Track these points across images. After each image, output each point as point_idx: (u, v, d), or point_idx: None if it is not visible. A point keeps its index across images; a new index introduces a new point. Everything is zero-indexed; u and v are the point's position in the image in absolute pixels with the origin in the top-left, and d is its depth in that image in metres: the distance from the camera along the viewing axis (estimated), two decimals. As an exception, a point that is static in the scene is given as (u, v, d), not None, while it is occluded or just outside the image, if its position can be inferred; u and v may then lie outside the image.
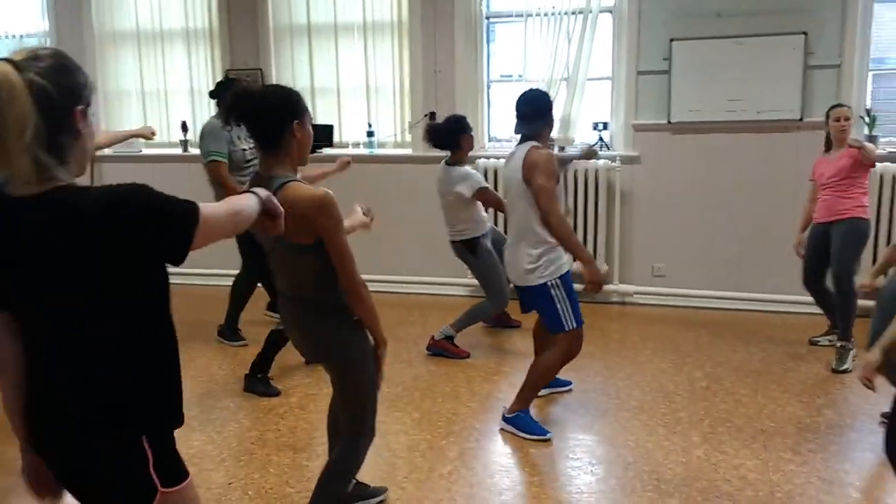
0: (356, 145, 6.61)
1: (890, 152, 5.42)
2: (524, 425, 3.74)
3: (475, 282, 5.28)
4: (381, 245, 5.69)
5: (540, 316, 3.90)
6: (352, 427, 2.64)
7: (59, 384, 1.58)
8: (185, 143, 6.79)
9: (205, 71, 6.85)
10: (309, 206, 2.30)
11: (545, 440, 3.68)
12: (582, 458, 3.54)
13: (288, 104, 2.41)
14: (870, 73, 5.59)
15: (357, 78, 6.54)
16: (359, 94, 6.58)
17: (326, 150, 6.39)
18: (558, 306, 3.63)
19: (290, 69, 6.64)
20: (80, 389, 1.57)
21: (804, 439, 3.65)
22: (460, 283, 6.21)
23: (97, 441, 1.58)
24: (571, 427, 3.88)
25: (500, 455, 3.62)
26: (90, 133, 1.61)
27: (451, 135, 4.79)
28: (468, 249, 4.87)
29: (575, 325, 3.66)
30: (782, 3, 5.47)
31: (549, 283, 3.63)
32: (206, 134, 4.78)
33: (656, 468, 3.39)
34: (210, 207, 1.61)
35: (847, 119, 4.66)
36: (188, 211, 1.55)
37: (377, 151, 6.49)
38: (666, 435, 3.73)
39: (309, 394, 4.29)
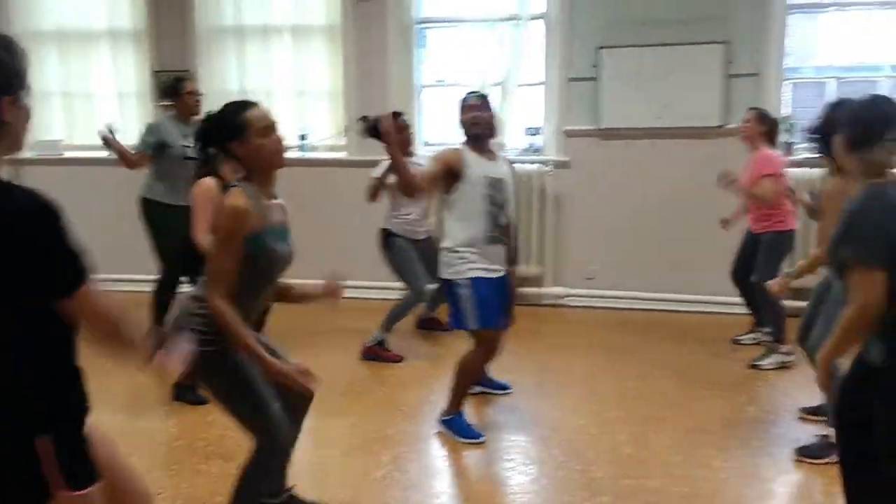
0: (288, 149, 6.53)
1: (806, 158, 5.64)
2: (458, 428, 3.77)
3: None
4: (316, 249, 5.64)
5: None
6: (254, 441, 2.56)
7: None
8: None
9: (131, 72, 6.69)
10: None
11: (478, 443, 3.71)
12: (516, 459, 3.58)
13: None
14: (786, 82, 5.82)
15: (289, 81, 6.49)
16: (291, 98, 6.52)
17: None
18: (464, 305, 3.62)
19: (220, 71, 6.54)
20: None
21: (728, 435, 3.77)
22: (398, 287, 6.20)
23: None
24: (505, 428, 3.93)
25: (434, 458, 3.64)
26: (20, 121, 1.58)
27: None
28: (383, 238, 5.02)
29: (478, 326, 3.63)
30: (704, 13, 5.66)
31: (457, 281, 3.62)
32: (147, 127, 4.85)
33: (587, 467, 3.45)
34: (99, 292, 1.61)
35: (747, 121, 4.81)
36: (80, 270, 1.56)
37: (310, 155, 6.45)
38: (597, 434, 3.80)
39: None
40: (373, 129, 4.73)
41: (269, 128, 2.49)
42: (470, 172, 3.58)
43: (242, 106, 2.52)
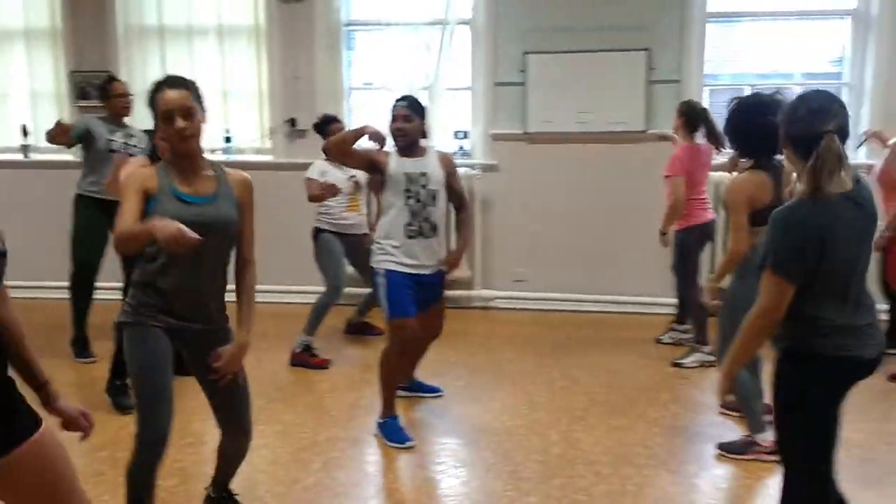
0: (213, 151, 6.41)
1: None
2: (388, 432, 3.76)
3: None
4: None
5: None
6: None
7: None
8: (25, 148, 6.36)
9: (47, 73, 6.45)
10: None
11: (407, 447, 3.70)
12: (446, 462, 3.59)
13: None
14: (706, 88, 6.01)
15: (213, 83, 6.35)
16: (215, 100, 6.39)
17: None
18: (379, 295, 3.78)
19: (141, 72, 6.36)
20: None
21: (652, 433, 3.86)
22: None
23: None
24: (435, 431, 3.94)
25: (365, 463, 3.62)
26: None
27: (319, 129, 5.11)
28: (314, 235, 5.04)
29: (390, 316, 3.73)
30: (626, 21, 5.79)
31: (379, 270, 3.75)
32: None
33: (517, 468, 3.49)
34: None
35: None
36: None
37: (235, 157, 6.34)
38: (526, 435, 3.84)
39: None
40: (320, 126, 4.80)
41: (167, 114, 2.44)
42: (390, 171, 3.72)
43: (158, 87, 2.49)
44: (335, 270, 5.02)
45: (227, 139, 6.34)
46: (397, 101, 3.81)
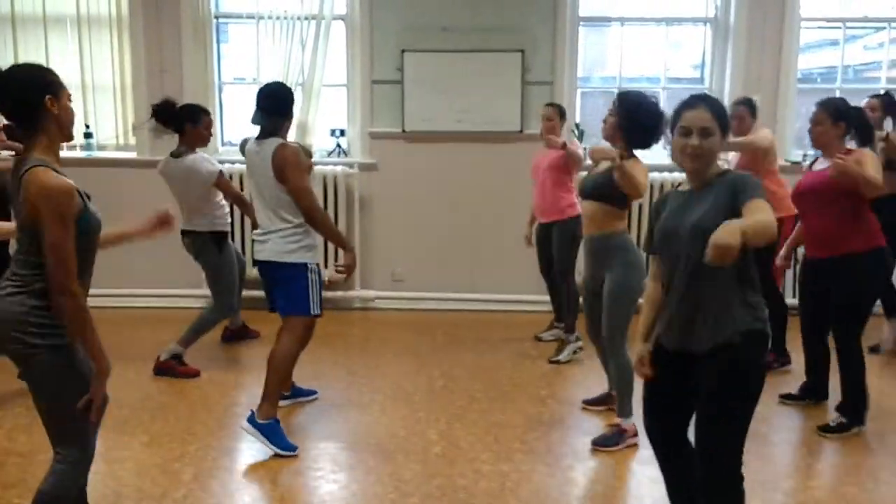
0: (72, 147, 6.03)
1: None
2: (274, 436, 3.60)
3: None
4: (104, 255, 5.23)
5: (282, 296, 3.74)
6: (60, 450, 2.32)
7: None
8: None
9: None
10: (36, 191, 2.13)
11: (292, 455, 3.58)
12: (324, 468, 3.50)
13: (36, 79, 2.25)
14: (578, 91, 6.17)
15: (71, 75, 5.97)
16: (73, 93, 5.99)
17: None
18: (310, 290, 3.65)
19: (-10, 62, 5.90)
20: None
21: (530, 429, 3.91)
22: (195, 295, 5.90)
23: None
24: (313, 436, 3.83)
25: (239, 472, 3.47)
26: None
27: (180, 119, 4.62)
28: (215, 241, 4.68)
29: (319, 311, 3.70)
30: (501, 23, 5.87)
31: (308, 265, 3.65)
32: None
33: (397, 469, 3.44)
34: None
35: (549, 119, 5.01)
36: None
37: (97, 154, 5.99)
38: (406, 436, 3.81)
39: (20, 424, 3.83)
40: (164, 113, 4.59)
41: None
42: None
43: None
44: (233, 287, 4.77)
45: (88, 135, 5.97)
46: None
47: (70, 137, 2.37)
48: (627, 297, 3.61)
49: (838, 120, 3.76)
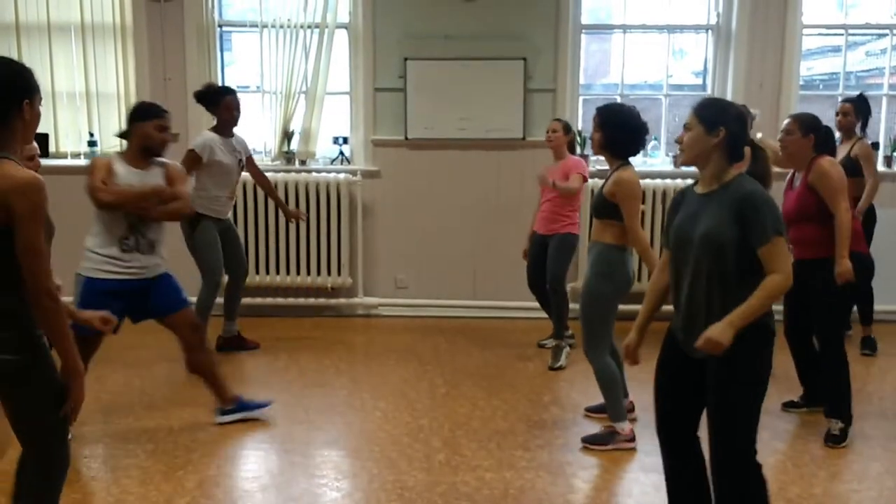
0: (76, 155, 6.06)
1: (598, 169, 6.02)
2: (248, 406, 3.99)
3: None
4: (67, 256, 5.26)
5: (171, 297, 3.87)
6: (40, 459, 2.26)
7: None
8: None
9: None
10: (8, 184, 2.05)
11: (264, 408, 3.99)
12: (328, 475, 3.51)
13: (18, 80, 2.17)
14: (580, 98, 6.19)
15: (75, 83, 6.01)
16: (78, 101, 6.04)
17: (43, 161, 5.77)
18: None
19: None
20: None
21: (533, 436, 3.91)
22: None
23: None
24: (316, 444, 3.84)
25: (242, 480, 3.48)
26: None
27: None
28: (188, 222, 4.70)
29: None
30: (503, 30, 5.89)
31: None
32: None
33: (400, 476, 3.45)
34: None
35: (555, 131, 5.06)
36: None
37: (101, 163, 6.00)
38: (409, 443, 3.81)
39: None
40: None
41: None
42: (118, 180, 3.69)
43: None
44: (217, 264, 4.85)
45: (92, 143, 6.00)
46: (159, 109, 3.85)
47: (30, 142, 2.42)
48: (597, 303, 3.67)
49: (808, 132, 3.86)
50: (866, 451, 3.79)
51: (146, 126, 3.77)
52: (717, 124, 2.47)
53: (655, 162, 6.24)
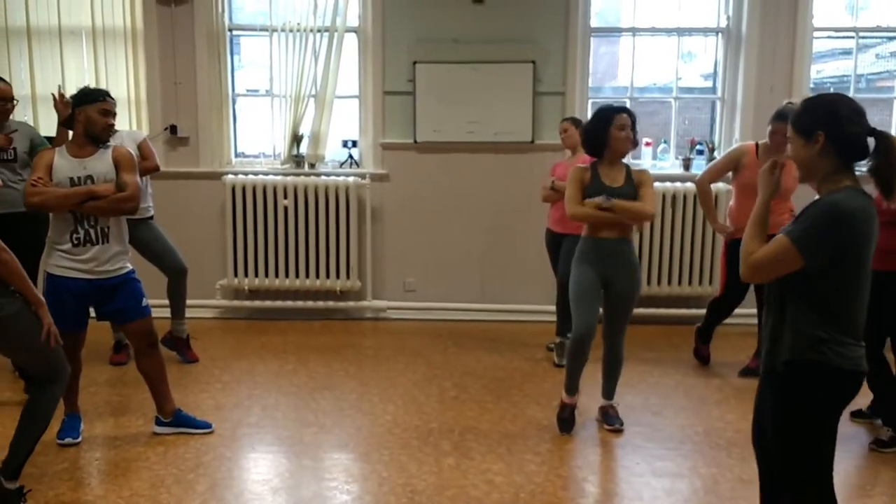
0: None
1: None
2: (187, 422, 3.96)
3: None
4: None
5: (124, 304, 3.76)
6: (47, 372, 3.09)
7: None
8: None
9: None
10: None
11: (210, 432, 3.93)
12: (338, 478, 3.51)
13: None
14: (589, 101, 6.18)
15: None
16: (89, 105, 6.06)
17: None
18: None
19: (7, 75, 5.95)
20: None
21: (542, 440, 3.91)
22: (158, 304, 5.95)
23: None
24: (326, 447, 3.85)
25: (253, 483, 3.49)
26: None
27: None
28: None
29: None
30: (512, 34, 5.89)
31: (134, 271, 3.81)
32: None
33: (410, 480, 3.45)
34: None
35: (565, 131, 5.05)
36: None
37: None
38: (419, 446, 3.81)
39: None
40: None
41: None
42: (55, 174, 3.60)
43: None
44: (174, 252, 4.93)
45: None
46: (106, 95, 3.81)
47: None
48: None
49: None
50: None
51: (88, 110, 3.67)
52: (814, 129, 2.15)
53: (665, 165, 6.22)
